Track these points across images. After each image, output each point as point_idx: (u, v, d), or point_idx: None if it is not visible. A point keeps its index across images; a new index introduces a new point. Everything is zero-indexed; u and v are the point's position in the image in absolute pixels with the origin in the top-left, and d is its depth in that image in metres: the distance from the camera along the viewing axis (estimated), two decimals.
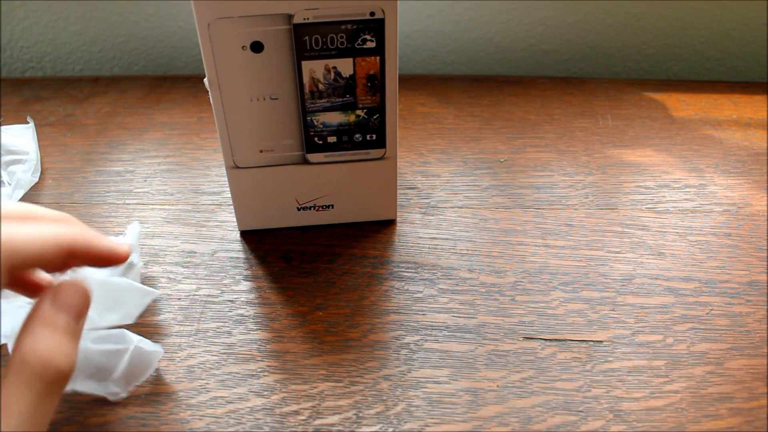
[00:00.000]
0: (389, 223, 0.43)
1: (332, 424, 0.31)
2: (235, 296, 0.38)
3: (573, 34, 0.63)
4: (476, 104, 0.56)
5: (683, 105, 0.56)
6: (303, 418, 0.31)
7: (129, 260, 0.37)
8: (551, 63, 0.66)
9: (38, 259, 0.24)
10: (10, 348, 0.33)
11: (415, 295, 0.38)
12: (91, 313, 0.30)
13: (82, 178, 0.48)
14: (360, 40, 0.35)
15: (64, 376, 0.24)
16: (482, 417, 0.31)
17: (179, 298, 0.38)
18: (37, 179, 0.47)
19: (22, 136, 0.50)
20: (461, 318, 0.36)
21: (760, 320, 0.36)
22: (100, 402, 0.32)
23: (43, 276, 0.29)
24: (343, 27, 0.34)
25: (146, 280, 0.39)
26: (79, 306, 0.26)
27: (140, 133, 0.53)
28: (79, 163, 0.50)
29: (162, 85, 0.60)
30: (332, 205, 0.42)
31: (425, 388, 0.33)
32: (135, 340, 0.32)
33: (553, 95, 0.57)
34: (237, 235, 0.42)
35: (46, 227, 0.25)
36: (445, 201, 0.45)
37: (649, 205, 0.45)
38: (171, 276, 0.39)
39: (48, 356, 0.23)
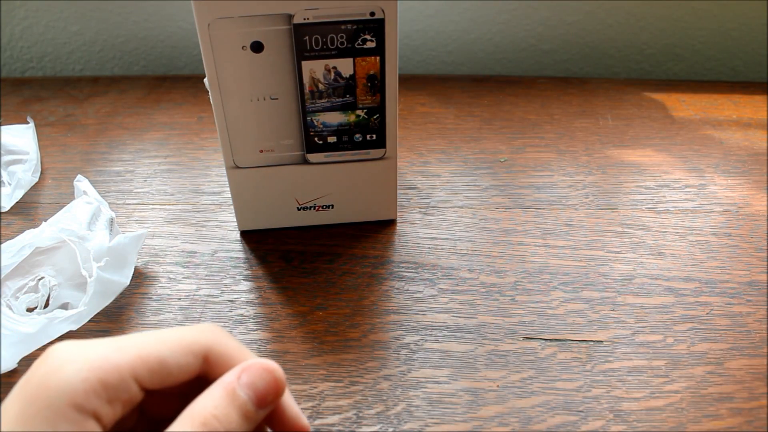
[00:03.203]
0: (389, 223, 0.43)
1: (332, 424, 0.31)
2: (235, 296, 0.38)
3: (573, 34, 0.63)
4: (476, 104, 0.56)
5: (683, 105, 0.56)
6: None
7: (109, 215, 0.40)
8: (551, 63, 0.66)
9: (169, 358, 0.22)
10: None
11: (415, 295, 0.38)
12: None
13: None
14: (360, 40, 0.35)
15: None
16: (482, 417, 0.31)
17: (179, 298, 0.38)
18: (37, 179, 0.47)
19: (22, 136, 0.50)
20: (461, 318, 0.36)
21: (760, 320, 0.36)
22: None
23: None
24: (343, 27, 0.34)
25: (147, 279, 0.39)
26: (264, 391, 0.22)
27: (140, 133, 0.53)
28: (79, 163, 0.50)
29: (162, 85, 0.60)
30: (332, 205, 0.42)
31: (425, 388, 0.33)
32: None
33: (553, 95, 0.57)
34: (237, 235, 0.42)
35: (182, 330, 0.23)
36: (445, 201, 0.45)
37: (649, 205, 0.45)
38: (171, 276, 0.39)
39: (210, 422, 0.21)
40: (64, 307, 0.37)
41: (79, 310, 0.35)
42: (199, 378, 0.23)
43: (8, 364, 0.33)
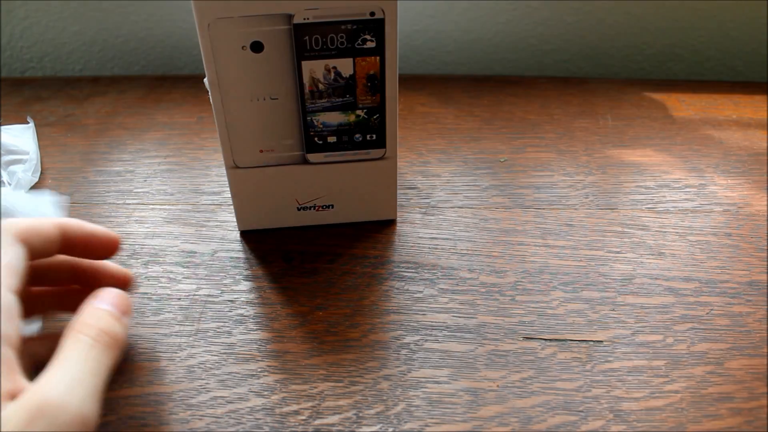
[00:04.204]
0: (389, 223, 0.43)
1: (332, 424, 0.31)
2: (235, 296, 0.38)
3: (573, 34, 0.63)
4: (476, 104, 0.56)
5: (683, 105, 0.56)
6: (303, 418, 0.31)
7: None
8: (551, 63, 0.66)
9: (34, 226, 0.28)
10: None
11: (415, 295, 0.38)
12: None
13: (82, 178, 0.48)
14: (360, 40, 0.35)
15: (113, 337, 0.26)
16: (482, 417, 0.31)
17: (179, 298, 0.38)
18: (37, 179, 0.47)
19: (22, 136, 0.50)
20: (461, 318, 0.36)
21: (760, 320, 0.36)
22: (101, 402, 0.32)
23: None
24: (343, 27, 0.34)
25: (146, 279, 0.39)
26: (121, 303, 0.28)
27: (140, 133, 0.53)
28: (79, 163, 0.50)
29: (162, 85, 0.60)
30: (332, 205, 0.42)
31: (425, 388, 0.33)
32: None
33: (553, 95, 0.57)
34: (237, 235, 0.42)
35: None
36: (445, 201, 0.45)
37: (649, 205, 0.45)
38: (171, 276, 0.39)
39: (95, 324, 0.26)
40: None
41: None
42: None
43: None
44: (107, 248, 0.31)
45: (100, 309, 0.27)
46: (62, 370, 0.24)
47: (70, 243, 0.30)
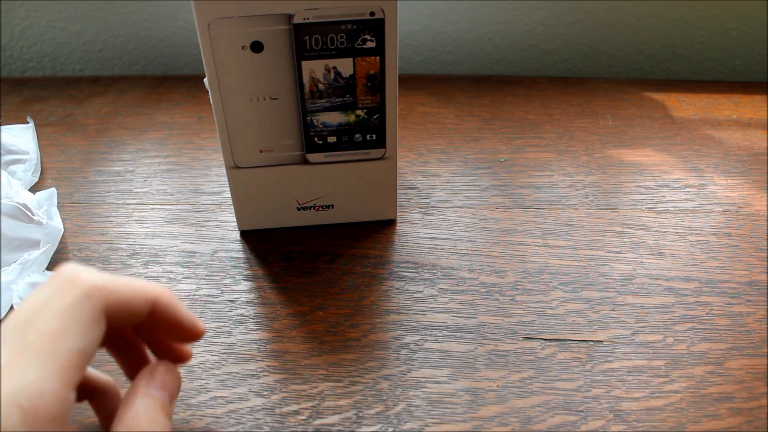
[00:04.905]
0: (389, 223, 0.43)
1: (332, 424, 0.31)
2: (235, 296, 0.38)
3: (573, 34, 0.63)
4: (476, 104, 0.56)
5: (683, 105, 0.56)
6: (303, 418, 0.31)
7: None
8: (551, 63, 0.66)
9: (127, 302, 0.25)
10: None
11: (415, 295, 0.38)
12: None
13: (82, 178, 0.48)
14: (360, 40, 0.35)
15: None
16: (482, 417, 0.31)
17: (179, 298, 0.38)
18: (37, 179, 0.47)
19: (22, 136, 0.50)
20: (461, 318, 0.36)
21: (760, 320, 0.36)
22: None
23: (139, 348, 0.30)
24: (343, 27, 0.34)
25: (146, 280, 0.39)
26: (173, 387, 0.27)
27: (140, 133, 0.53)
28: (79, 163, 0.50)
29: (162, 85, 0.60)
30: (332, 205, 0.42)
31: (425, 388, 0.33)
32: None
33: (553, 95, 0.57)
34: (237, 235, 0.42)
35: (136, 280, 0.26)
36: (445, 201, 0.45)
37: (649, 205, 0.45)
38: (171, 276, 0.39)
39: (147, 427, 0.24)
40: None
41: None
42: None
43: None
44: (188, 336, 0.28)
45: (153, 401, 0.25)
46: None
47: (153, 321, 0.27)
